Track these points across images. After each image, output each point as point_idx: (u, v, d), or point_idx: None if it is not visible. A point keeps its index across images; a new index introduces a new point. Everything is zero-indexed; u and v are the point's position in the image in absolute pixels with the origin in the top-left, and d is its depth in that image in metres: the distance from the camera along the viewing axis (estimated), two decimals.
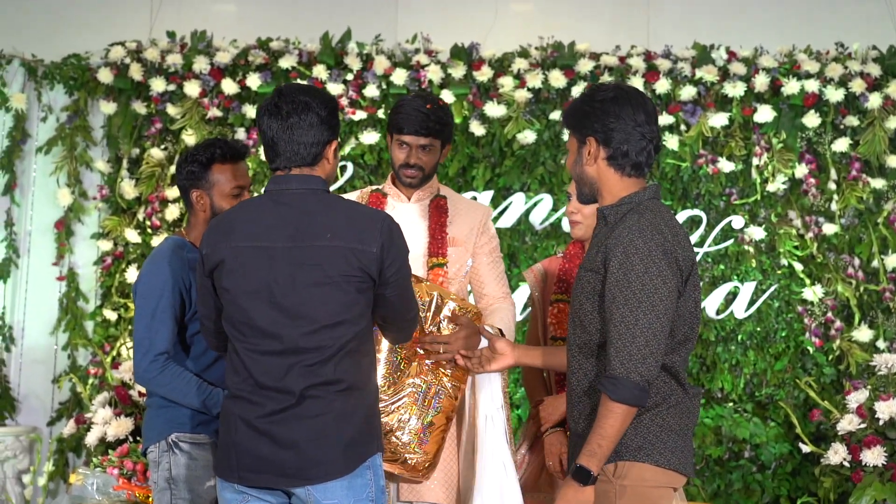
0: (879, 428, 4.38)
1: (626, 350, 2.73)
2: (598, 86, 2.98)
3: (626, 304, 2.74)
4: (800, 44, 5.59)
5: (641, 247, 2.75)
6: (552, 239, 5.48)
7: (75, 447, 5.26)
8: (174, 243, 3.34)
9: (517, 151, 5.53)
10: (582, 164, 2.93)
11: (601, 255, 2.82)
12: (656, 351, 2.74)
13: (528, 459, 3.66)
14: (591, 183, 2.95)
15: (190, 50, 5.68)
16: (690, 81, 5.50)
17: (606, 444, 2.75)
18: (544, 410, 3.58)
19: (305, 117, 2.78)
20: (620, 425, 2.74)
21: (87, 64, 5.72)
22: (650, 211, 2.82)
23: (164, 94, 5.63)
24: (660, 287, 2.74)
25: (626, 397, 2.72)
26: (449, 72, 5.55)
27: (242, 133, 5.57)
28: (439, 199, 3.72)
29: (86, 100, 5.72)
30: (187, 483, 3.18)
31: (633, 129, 2.85)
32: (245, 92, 5.61)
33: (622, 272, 2.75)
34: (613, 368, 2.73)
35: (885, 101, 5.42)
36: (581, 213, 3.53)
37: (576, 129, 2.93)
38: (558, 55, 5.59)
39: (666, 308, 2.74)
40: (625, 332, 2.74)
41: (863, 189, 5.42)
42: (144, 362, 3.19)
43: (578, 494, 2.75)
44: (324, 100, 2.83)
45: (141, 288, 3.26)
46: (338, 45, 5.67)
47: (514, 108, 5.50)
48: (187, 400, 3.19)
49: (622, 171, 2.88)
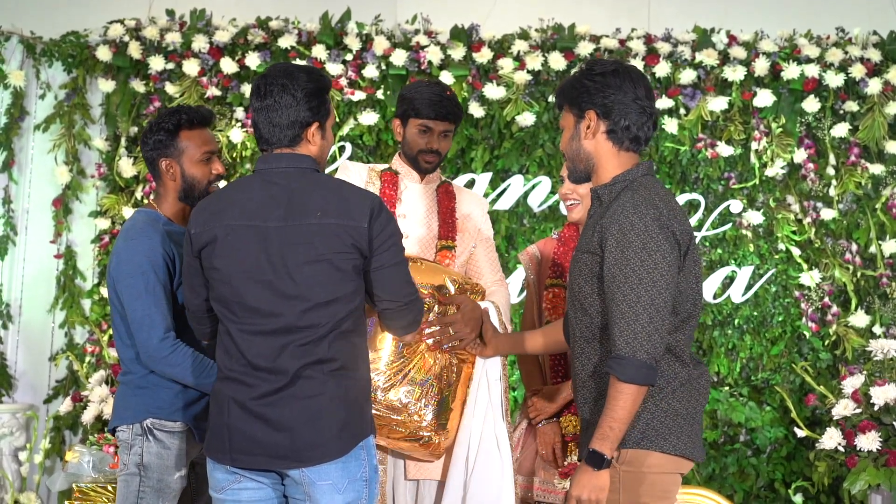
0: (874, 413, 4.38)
1: (631, 329, 2.69)
2: (595, 61, 2.94)
3: (626, 282, 2.70)
4: (800, 28, 5.59)
5: (637, 223, 2.72)
6: (550, 221, 5.48)
7: (72, 425, 5.27)
8: (147, 216, 3.28)
9: (516, 133, 5.53)
10: (580, 139, 2.89)
11: (597, 235, 2.79)
12: (661, 328, 2.70)
13: (523, 442, 3.67)
14: (587, 159, 2.91)
15: (189, 28, 5.66)
16: (690, 65, 5.50)
17: (618, 426, 2.71)
18: (539, 402, 3.60)
19: (281, 98, 2.78)
20: (631, 406, 2.71)
21: (86, 41, 5.71)
22: (644, 187, 2.79)
23: (163, 72, 5.62)
24: (659, 262, 2.70)
25: (634, 377, 2.68)
26: (448, 53, 5.55)
27: (241, 113, 5.55)
28: (447, 185, 3.75)
29: (84, 77, 5.70)
30: (157, 471, 3.15)
31: (632, 103, 2.83)
32: (244, 71, 5.60)
33: (619, 250, 2.72)
34: (619, 348, 2.69)
35: (884, 87, 5.43)
36: (577, 193, 3.54)
37: (574, 103, 2.89)
38: (558, 37, 5.59)
39: (667, 283, 2.70)
40: (627, 311, 2.69)
41: (861, 174, 5.43)
42: (153, 342, 3.14)
43: (593, 479, 2.72)
44: (306, 80, 2.81)
45: (126, 268, 3.19)
46: (337, 26, 5.66)
47: (513, 90, 5.49)
48: (197, 381, 3.15)
49: (620, 146, 2.86)
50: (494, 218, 5.19)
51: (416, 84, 3.74)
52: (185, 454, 3.21)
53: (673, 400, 2.78)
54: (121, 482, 3.17)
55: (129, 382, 3.22)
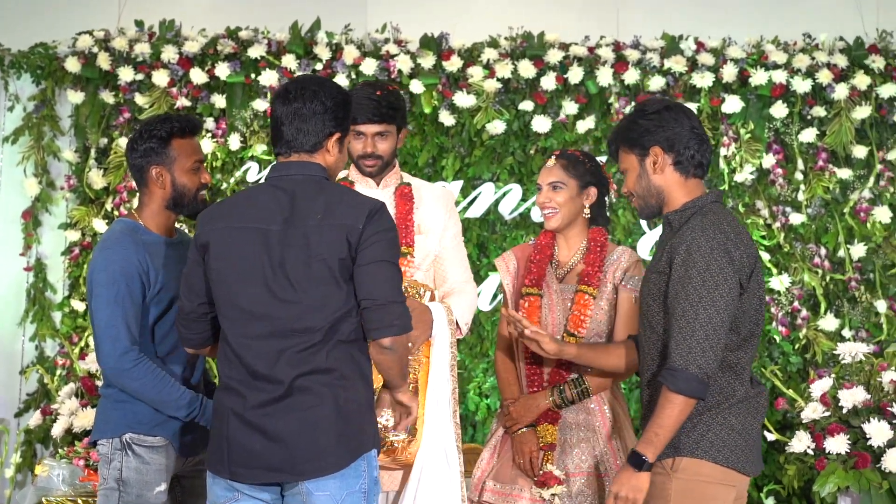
0: (843, 416, 4.41)
1: (686, 343, 2.86)
2: (644, 103, 3.19)
3: (686, 298, 2.89)
4: (768, 35, 5.64)
5: (703, 245, 2.91)
6: (521, 229, 5.50)
7: (43, 438, 5.23)
8: (125, 226, 3.27)
9: (486, 141, 5.54)
10: (648, 176, 3.10)
11: (666, 255, 2.99)
12: (716, 345, 2.87)
13: (500, 450, 3.66)
14: (658, 193, 3.12)
15: (158, 39, 5.66)
16: (659, 72, 5.53)
17: (664, 434, 2.88)
18: (516, 411, 3.60)
19: (310, 105, 2.83)
20: (678, 415, 2.88)
21: (55, 53, 5.67)
22: (713, 212, 2.99)
23: (133, 83, 5.61)
24: (720, 283, 2.88)
25: (683, 388, 2.86)
26: (418, 62, 5.55)
27: (211, 123, 5.57)
28: (403, 187, 3.71)
29: (53, 89, 5.68)
30: (137, 487, 3.14)
31: (690, 132, 3.07)
32: (214, 81, 5.60)
33: (684, 268, 2.91)
34: (673, 360, 2.87)
35: (851, 92, 5.47)
36: (554, 202, 3.59)
37: (635, 144, 3.11)
38: (527, 45, 5.60)
39: (726, 304, 2.87)
40: (685, 326, 2.87)
41: (829, 179, 5.47)
42: (114, 355, 3.12)
43: (633, 479, 2.90)
44: (336, 91, 2.88)
45: (98, 277, 3.17)
46: (307, 35, 5.67)
47: (483, 98, 5.51)
48: (155, 399, 3.13)
49: (686, 175, 3.08)
50: (466, 226, 5.21)
51: (354, 89, 3.70)
52: (166, 469, 3.20)
53: (730, 415, 2.95)
54: (100, 496, 3.17)
55: (109, 396, 3.20)
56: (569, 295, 3.64)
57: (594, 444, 3.59)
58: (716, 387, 2.95)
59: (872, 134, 5.50)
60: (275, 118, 2.85)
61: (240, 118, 5.62)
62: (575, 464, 3.57)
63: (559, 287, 3.66)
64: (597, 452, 3.58)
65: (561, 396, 3.55)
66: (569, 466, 3.57)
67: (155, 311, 3.20)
